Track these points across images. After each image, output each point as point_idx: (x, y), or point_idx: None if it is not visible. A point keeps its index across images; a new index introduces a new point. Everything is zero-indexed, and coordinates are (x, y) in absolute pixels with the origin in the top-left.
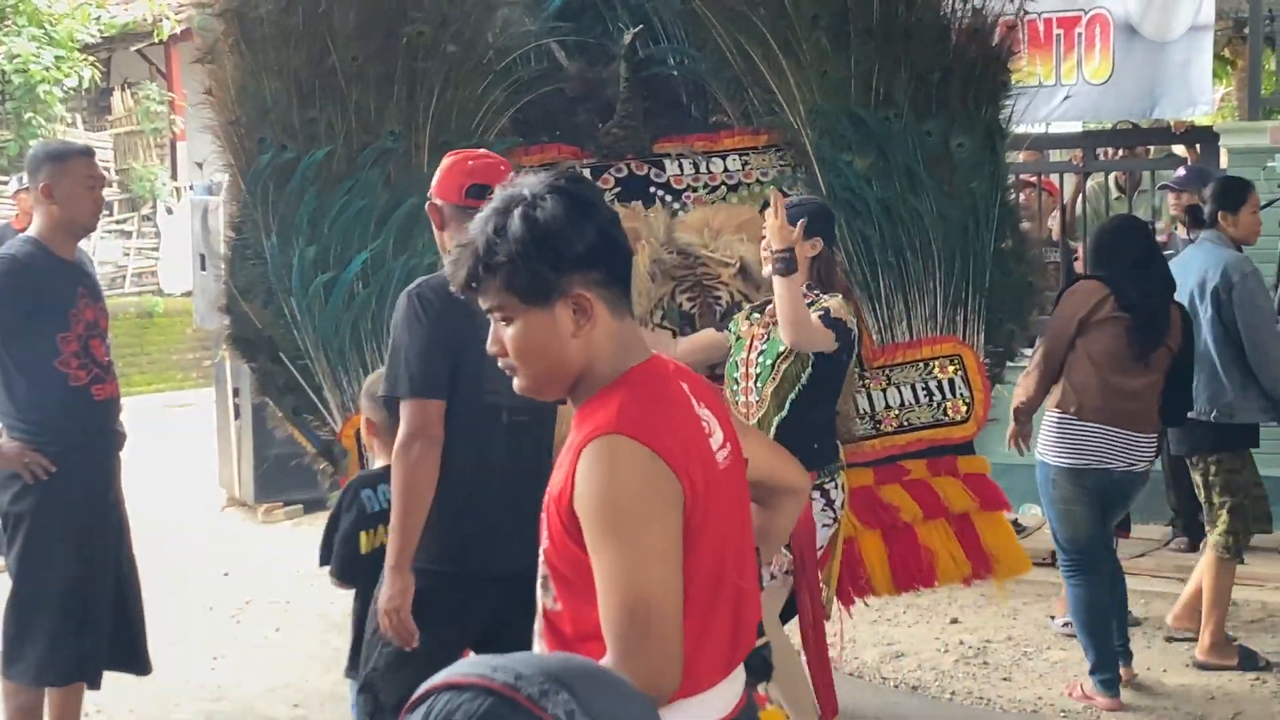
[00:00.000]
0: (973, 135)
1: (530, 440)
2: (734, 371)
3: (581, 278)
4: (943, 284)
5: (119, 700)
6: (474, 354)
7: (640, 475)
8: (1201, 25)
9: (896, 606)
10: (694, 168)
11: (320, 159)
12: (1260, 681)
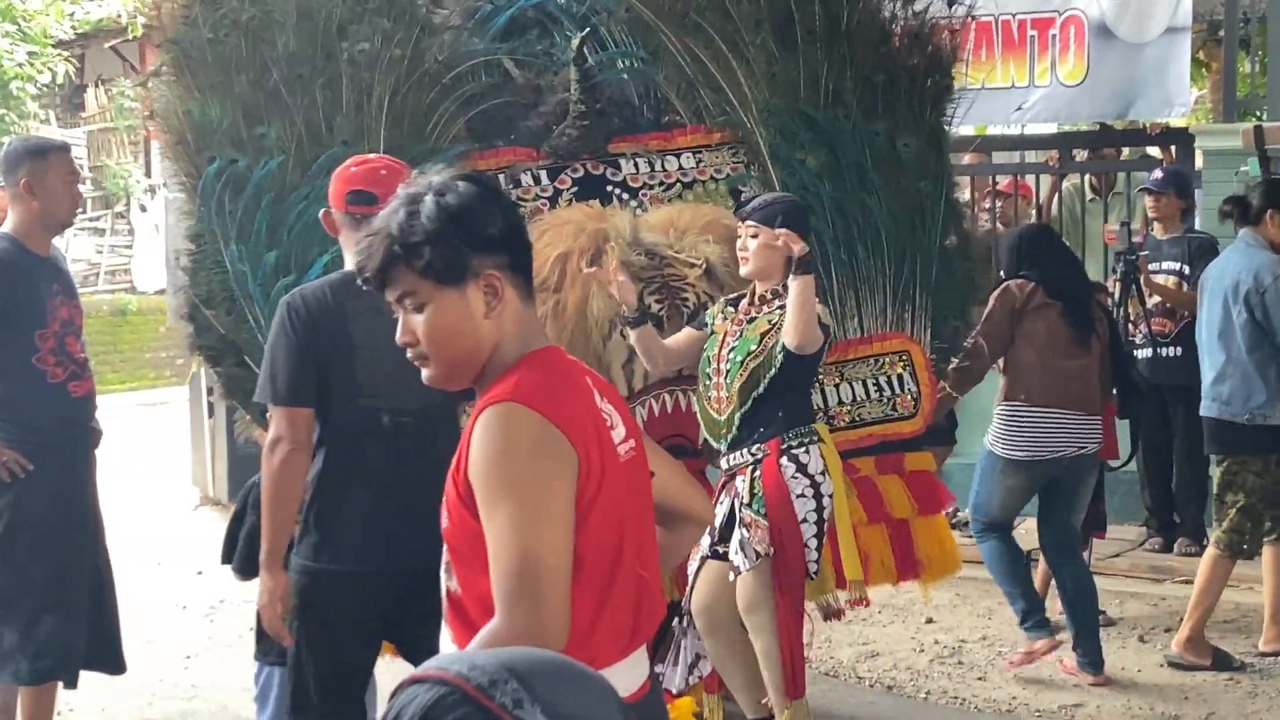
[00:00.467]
0: (918, 136)
1: (417, 442)
2: (706, 367)
3: (492, 261)
4: (892, 281)
5: (92, 699)
6: (346, 360)
7: (532, 437)
8: (1178, 27)
9: (872, 606)
10: (649, 166)
11: (274, 168)
12: (1234, 682)
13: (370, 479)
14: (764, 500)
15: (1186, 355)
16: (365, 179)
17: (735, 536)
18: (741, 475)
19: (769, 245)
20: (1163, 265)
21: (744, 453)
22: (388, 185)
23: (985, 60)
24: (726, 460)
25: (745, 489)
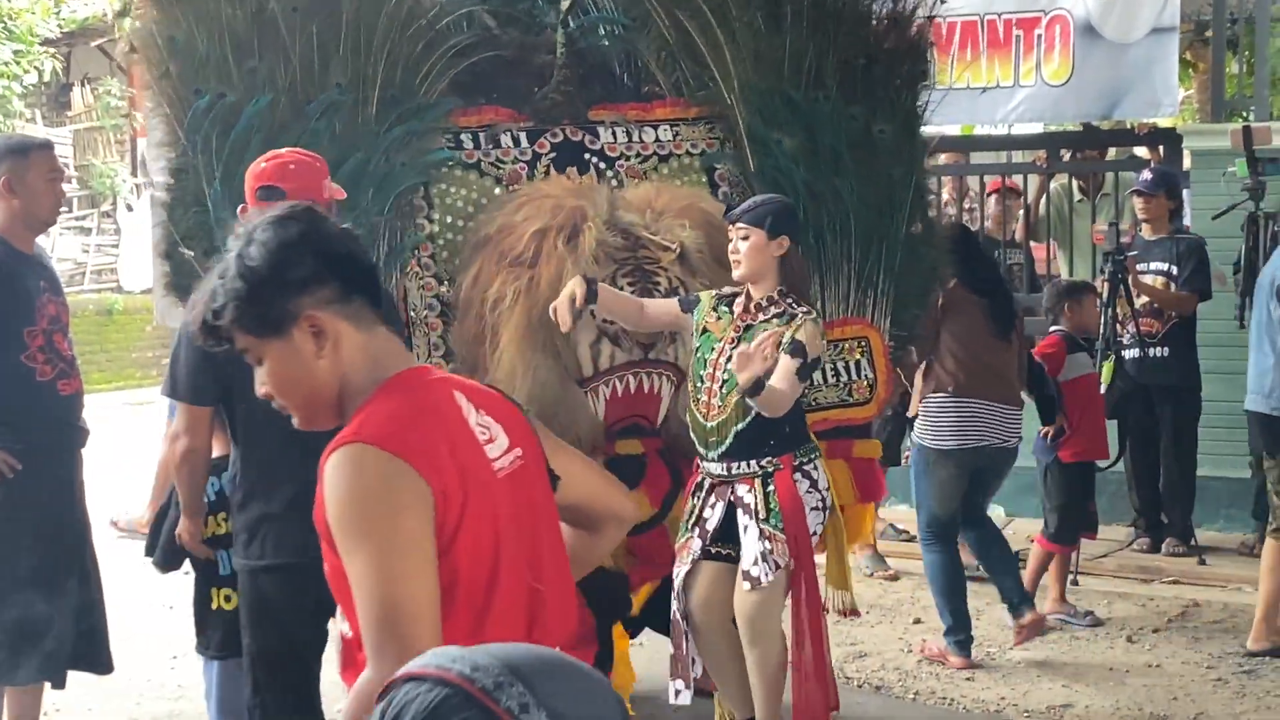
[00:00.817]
0: (893, 121)
1: (328, 436)
2: (700, 369)
3: (311, 300)
4: (856, 266)
5: (79, 699)
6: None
7: (378, 477)
8: (1165, 27)
9: (860, 606)
10: (627, 136)
11: (265, 106)
12: (1222, 682)
13: (286, 474)
14: (780, 514)
15: (1174, 356)
16: (273, 174)
17: (754, 549)
18: (747, 485)
19: (759, 248)
20: (1151, 266)
21: (751, 464)
22: (295, 179)
23: (971, 60)
24: (723, 466)
25: (759, 503)
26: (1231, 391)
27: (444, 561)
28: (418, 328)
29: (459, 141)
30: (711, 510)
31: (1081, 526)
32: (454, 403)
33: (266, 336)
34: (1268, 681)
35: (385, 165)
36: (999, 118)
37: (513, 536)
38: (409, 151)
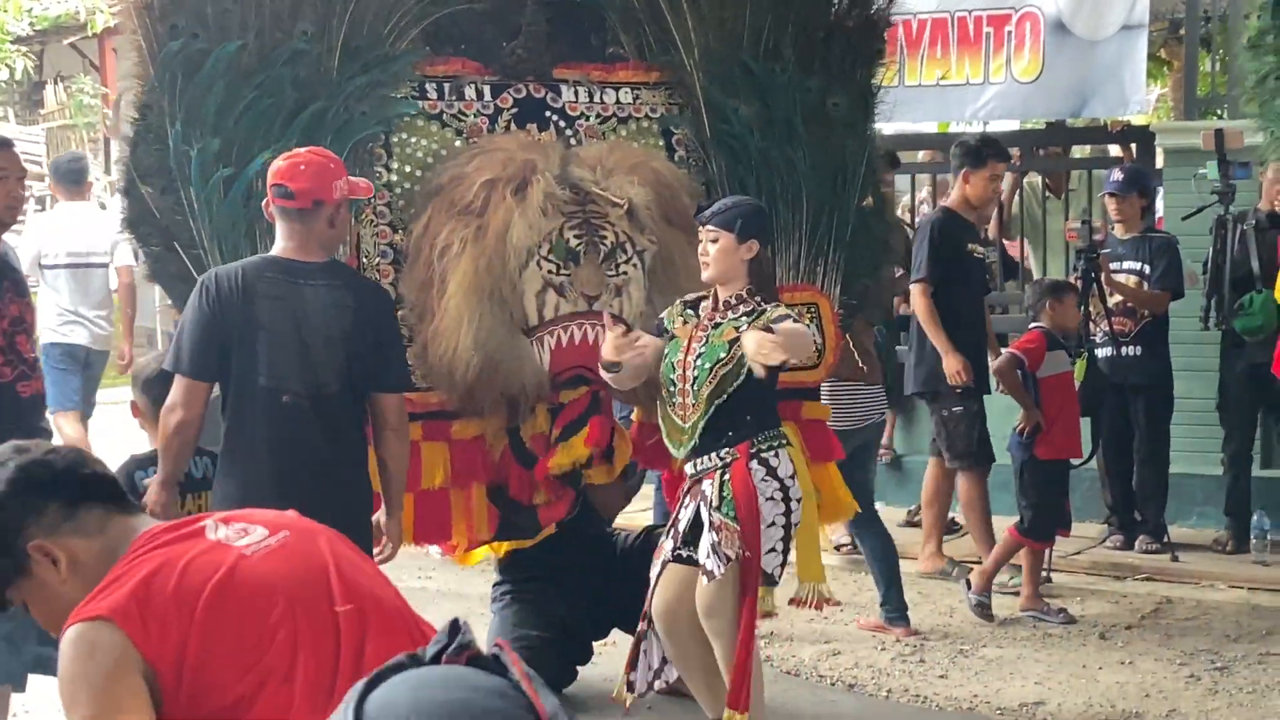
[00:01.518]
0: (848, 95)
1: (315, 422)
2: (670, 373)
3: (28, 536)
4: (808, 235)
5: (49, 700)
6: (249, 340)
7: (94, 654)
8: (1135, 24)
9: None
10: (588, 96)
11: (232, 51)
12: (1194, 679)
13: (269, 454)
14: (733, 503)
15: (1147, 354)
16: (285, 174)
17: (706, 541)
18: (710, 480)
19: (729, 250)
20: (1124, 265)
21: (712, 457)
22: (304, 180)
23: (941, 57)
24: (692, 465)
25: (714, 492)
26: (1204, 389)
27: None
28: (369, 274)
29: (423, 90)
30: (684, 510)
31: (1055, 525)
32: (191, 533)
33: (16, 580)
34: (1240, 678)
35: (345, 114)
36: (968, 115)
37: (301, 583)
38: (370, 101)
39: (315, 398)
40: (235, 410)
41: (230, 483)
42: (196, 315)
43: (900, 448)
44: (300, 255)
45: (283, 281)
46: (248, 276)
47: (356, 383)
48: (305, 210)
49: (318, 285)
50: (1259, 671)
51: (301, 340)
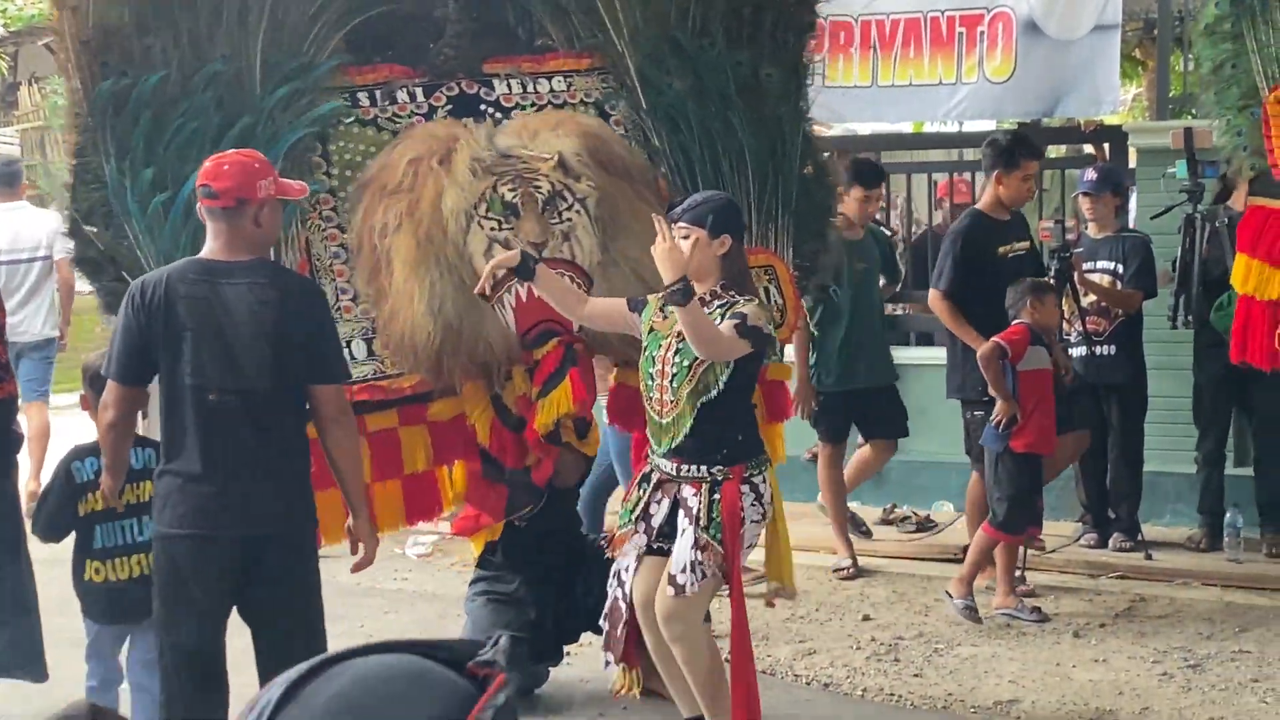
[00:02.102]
0: (780, 67)
1: (244, 420)
2: (649, 367)
3: None
4: (755, 200)
5: (20, 705)
6: (174, 343)
7: None
8: (1108, 25)
9: (809, 604)
10: (521, 87)
11: (155, 83)
12: (1168, 677)
13: (200, 453)
14: (720, 526)
15: (1121, 353)
16: (209, 174)
17: (686, 557)
18: (694, 489)
19: (702, 246)
20: (1097, 264)
21: (701, 468)
22: (228, 179)
23: (914, 57)
24: (673, 464)
25: (702, 510)
26: (1177, 388)
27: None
28: (324, 275)
29: (355, 99)
30: (658, 506)
31: (1029, 519)
32: None
33: None
34: (1213, 675)
35: (272, 126)
36: (940, 115)
37: None
38: (295, 110)
39: (244, 395)
40: (167, 410)
41: (168, 478)
42: (123, 322)
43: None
44: (225, 255)
45: (204, 282)
46: (170, 281)
47: (289, 378)
48: (229, 209)
49: (239, 284)
50: (1232, 669)
51: (224, 339)
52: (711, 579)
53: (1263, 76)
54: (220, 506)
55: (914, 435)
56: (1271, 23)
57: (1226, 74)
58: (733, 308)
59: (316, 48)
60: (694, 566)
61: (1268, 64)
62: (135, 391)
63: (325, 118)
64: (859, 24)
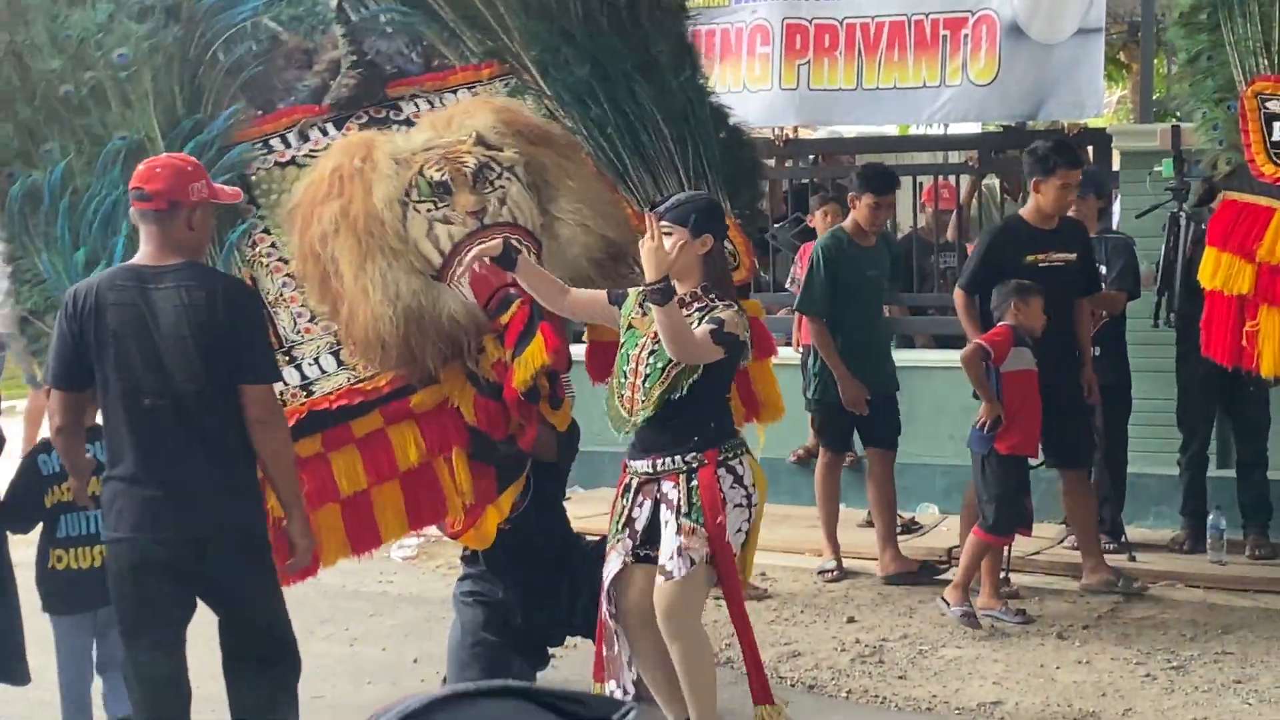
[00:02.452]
0: (669, 41)
1: (177, 422)
2: (624, 364)
3: None
4: (680, 162)
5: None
6: (109, 348)
7: None
8: (1091, 28)
9: (794, 606)
10: (429, 104)
11: (60, 172)
12: (1151, 678)
13: (137, 458)
14: (701, 509)
15: (1104, 355)
16: (142, 177)
17: (672, 544)
18: (672, 481)
19: (683, 246)
20: None
21: (676, 459)
22: (160, 181)
23: (898, 60)
24: (649, 463)
25: (682, 498)
26: (1160, 390)
27: None
28: (280, 307)
29: (269, 146)
30: (640, 510)
31: (1018, 520)
32: None
33: None
34: (1196, 677)
35: None
36: (925, 118)
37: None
38: (205, 162)
39: (175, 399)
40: (106, 416)
41: (112, 483)
42: (57, 330)
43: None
44: (155, 259)
45: (132, 288)
46: (100, 288)
47: (220, 379)
48: (161, 211)
49: (166, 288)
50: (1215, 670)
51: (152, 344)
52: (702, 566)
53: (1240, 69)
54: (162, 509)
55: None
56: (1249, 14)
57: (1203, 66)
58: (711, 312)
59: (212, 104)
60: (680, 551)
61: (1245, 57)
62: (76, 397)
63: (239, 164)
64: (844, 27)
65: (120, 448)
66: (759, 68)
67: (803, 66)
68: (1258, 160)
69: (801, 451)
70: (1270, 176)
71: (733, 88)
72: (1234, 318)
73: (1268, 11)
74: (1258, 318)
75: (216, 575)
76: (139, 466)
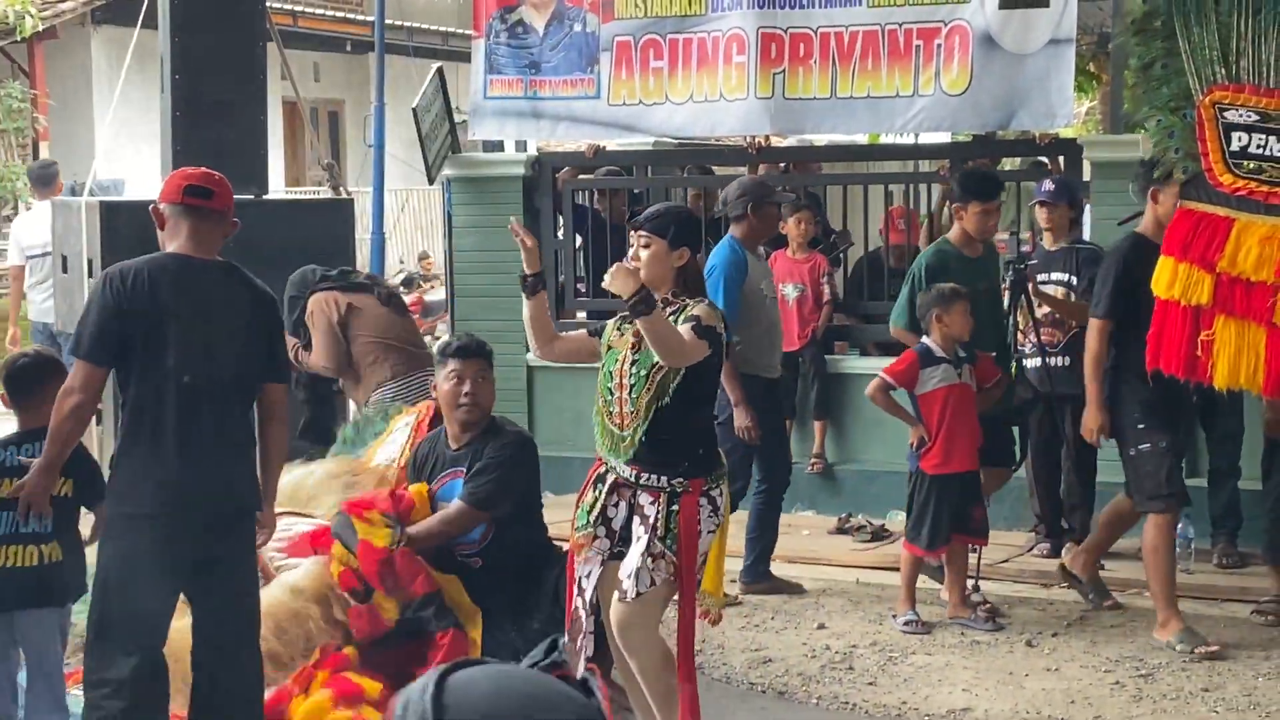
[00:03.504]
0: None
1: (209, 405)
2: (607, 382)
3: None
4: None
5: None
6: (157, 326)
7: None
8: (1062, 39)
9: (764, 612)
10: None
11: None
12: (1119, 685)
13: (167, 433)
14: (677, 537)
15: (1075, 364)
16: (201, 179)
17: (634, 563)
18: (652, 498)
19: (661, 256)
20: (1051, 276)
21: (660, 478)
22: (221, 186)
23: (871, 69)
24: (632, 472)
25: (660, 521)
26: None
27: None
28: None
29: None
30: (615, 510)
31: (944, 537)
32: None
33: None
34: (1164, 685)
35: None
36: (898, 127)
37: None
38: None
39: (213, 384)
40: (138, 393)
41: (136, 458)
42: (101, 304)
43: (831, 456)
44: (200, 253)
45: (186, 273)
46: (153, 269)
47: (246, 372)
48: (217, 212)
49: (217, 279)
50: (1182, 678)
51: (206, 327)
52: (663, 586)
53: (1197, 78)
54: (187, 484)
55: (869, 444)
56: (1206, 23)
57: (1157, 73)
58: (685, 310)
59: None
60: (640, 574)
61: (1202, 66)
62: (104, 374)
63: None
64: (818, 36)
65: (151, 426)
66: (735, 76)
67: (778, 75)
68: (1215, 170)
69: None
70: (1229, 186)
71: (709, 96)
72: (1189, 328)
73: (1226, 21)
74: (1213, 328)
75: (219, 559)
76: (171, 443)
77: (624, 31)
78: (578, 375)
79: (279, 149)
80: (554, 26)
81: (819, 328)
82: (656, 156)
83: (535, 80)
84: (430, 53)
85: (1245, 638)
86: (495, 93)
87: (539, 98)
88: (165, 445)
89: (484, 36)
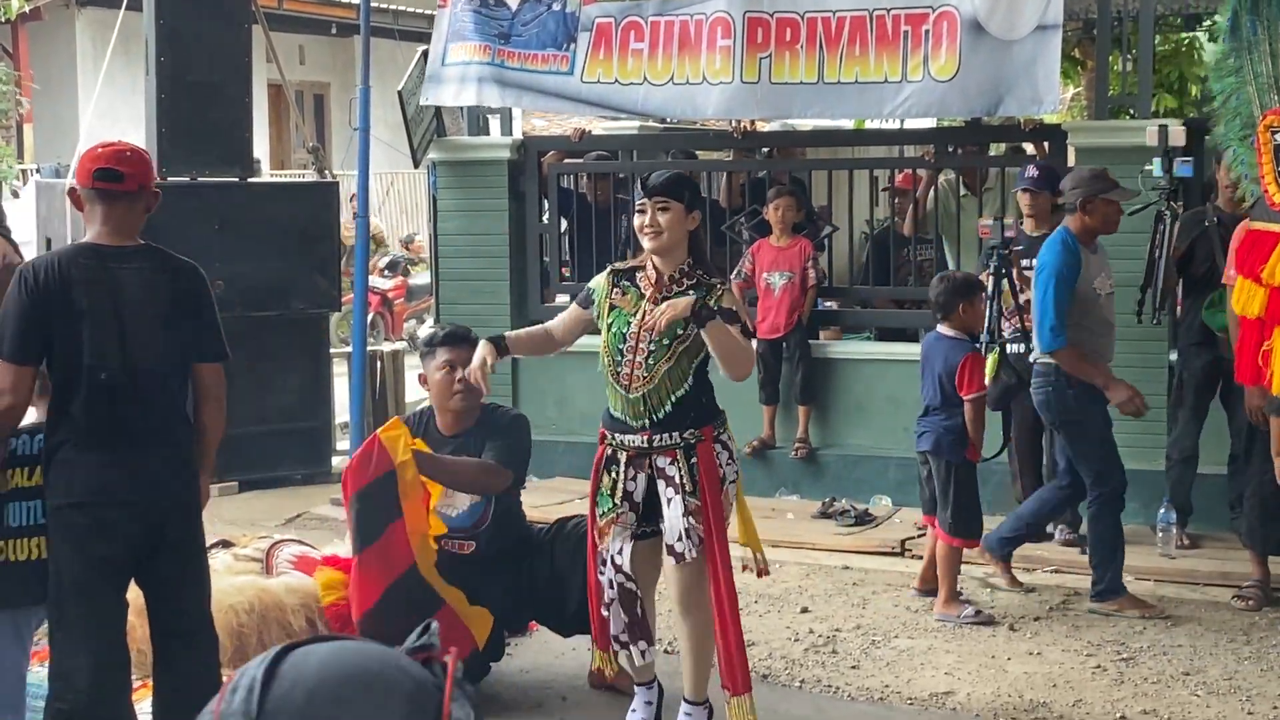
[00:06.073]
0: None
1: (134, 396)
2: (618, 343)
3: None
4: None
5: None
6: (70, 324)
7: None
8: (1049, 24)
9: (748, 596)
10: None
11: None
12: (1101, 670)
13: (92, 427)
14: (700, 486)
15: None
16: (111, 158)
17: (679, 524)
18: (669, 457)
19: (679, 220)
20: (1034, 261)
21: (674, 435)
22: (131, 165)
23: (859, 55)
24: (644, 439)
25: (684, 476)
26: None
27: None
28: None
29: None
30: (634, 483)
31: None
32: None
33: None
34: (1145, 669)
35: None
36: (886, 113)
37: None
38: None
39: (133, 374)
40: (59, 389)
41: (65, 452)
42: (17, 303)
43: (815, 441)
44: (115, 240)
45: (97, 266)
46: (64, 263)
47: (175, 358)
48: (131, 193)
49: (132, 268)
50: (1164, 662)
51: (120, 320)
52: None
53: (1258, 105)
54: (118, 477)
55: (853, 429)
56: (1262, 54)
57: (1231, 106)
58: (711, 291)
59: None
60: (690, 533)
61: (1262, 93)
62: (32, 372)
63: None
64: (805, 21)
65: (74, 421)
66: (720, 60)
67: (764, 60)
68: (1270, 190)
69: (756, 443)
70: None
71: (693, 80)
72: (1255, 340)
73: (1277, 48)
74: (1272, 338)
75: (166, 541)
76: (94, 438)
77: (606, 13)
78: (560, 360)
79: (264, 132)
80: (530, 2)
81: (804, 313)
82: (641, 141)
83: (504, 50)
84: (416, 36)
85: (1227, 622)
86: (455, 58)
87: (505, 66)
88: (87, 440)
89: (448, 5)
